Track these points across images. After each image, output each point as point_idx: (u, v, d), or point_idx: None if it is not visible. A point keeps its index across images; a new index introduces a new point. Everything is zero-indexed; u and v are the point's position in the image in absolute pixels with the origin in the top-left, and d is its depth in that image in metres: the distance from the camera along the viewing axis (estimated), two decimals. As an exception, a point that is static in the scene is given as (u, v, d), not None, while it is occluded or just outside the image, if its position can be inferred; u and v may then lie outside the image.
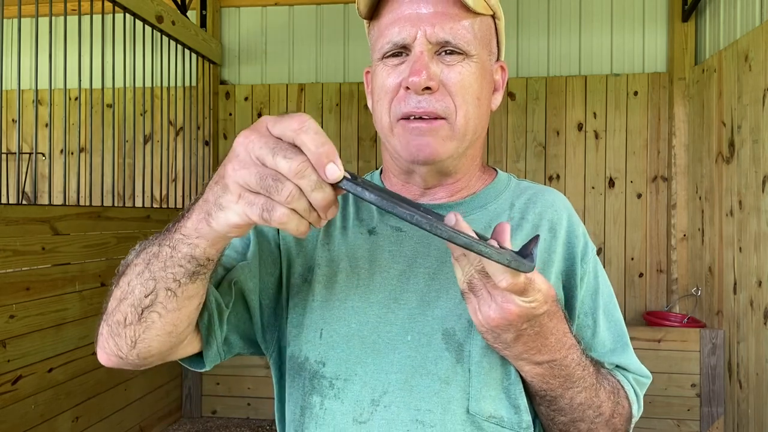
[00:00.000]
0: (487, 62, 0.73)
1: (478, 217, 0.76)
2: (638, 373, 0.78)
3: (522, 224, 0.76)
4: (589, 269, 0.76)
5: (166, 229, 0.59)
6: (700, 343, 2.79)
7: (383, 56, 0.71)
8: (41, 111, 3.81)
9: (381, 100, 0.72)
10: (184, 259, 0.55)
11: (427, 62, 0.67)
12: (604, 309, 0.77)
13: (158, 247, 0.58)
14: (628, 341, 0.78)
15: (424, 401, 0.67)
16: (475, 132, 0.72)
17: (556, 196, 0.81)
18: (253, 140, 0.47)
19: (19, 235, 2.01)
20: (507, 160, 3.52)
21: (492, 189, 0.80)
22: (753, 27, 2.52)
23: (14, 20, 3.62)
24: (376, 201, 0.48)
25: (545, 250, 0.74)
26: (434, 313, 0.70)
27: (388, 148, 0.76)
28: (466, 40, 0.68)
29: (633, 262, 3.42)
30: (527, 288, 0.55)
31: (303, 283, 0.75)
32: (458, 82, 0.68)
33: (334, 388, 0.70)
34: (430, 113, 0.68)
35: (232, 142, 0.50)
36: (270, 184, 0.46)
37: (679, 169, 3.30)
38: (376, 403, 0.68)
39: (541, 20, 3.52)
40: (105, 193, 3.03)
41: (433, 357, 0.68)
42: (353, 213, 0.79)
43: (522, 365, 0.65)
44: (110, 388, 2.56)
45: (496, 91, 0.78)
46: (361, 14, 0.74)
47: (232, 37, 3.83)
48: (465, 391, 0.68)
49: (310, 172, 0.46)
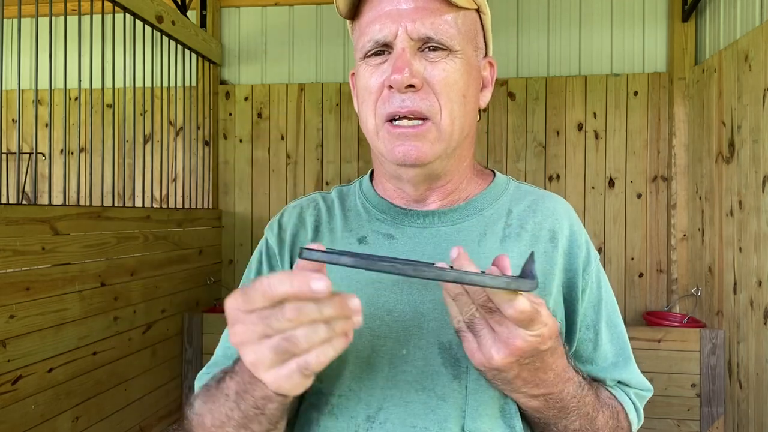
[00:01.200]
0: (473, 58, 0.71)
1: (474, 223, 0.74)
2: (639, 387, 0.76)
3: (521, 233, 0.73)
4: (592, 280, 0.74)
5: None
6: (700, 343, 2.79)
7: (365, 55, 0.69)
8: (41, 111, 3.81)
9: (366, 101, 0.70)
10: (270, 411, 0.57)
11: (409, 59, 0.65)
12: (607, 321, 0.75)
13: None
14: (630, 354, 0.76)
15: (420, 418, 0.66)
16: (462, 131, 0.70)
17: (557, 203, 0.78)
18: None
19: (19, 235, 2.01)
20: (507, 160, 3.52)
21: (488, 193, 0.77)
22: (753, 27, 2.52)
23: (14, 20, 3.62)
24: (354, 263, 0.48)
25: (546, 261, 0.72)
26: (429, 326, 0.68)
27: (375, 153, 0.74)
28: (449, 35, 0.66)
29: (633, 262, 3.42)
30: (534, 319, 0.52)
31: None
32: (442, 80, 0.66)
33: (329, 404, 0.68)
34: (415, 112, 0.66)
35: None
36: (285, 345, 0.46)
37: (679, 169, 3.30)
38: (371, 420, 0.66)
39: (541, 20, 3.52)
40: (105, 193, 3.03)
41: (429, 372, 0.67)
42: (341, 224, 0.78)
43: (518, 397, 0.63)
44: (110, 388, 2.56)
45: (485, 87, 0.76)
46: (341, 13, 0.72)
47: (232, 37, 3.83)
48: (461, 409, 0.66)
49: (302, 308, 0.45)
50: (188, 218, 3.28)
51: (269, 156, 3.74)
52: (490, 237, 0.73)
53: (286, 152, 3.72)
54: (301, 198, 0.85)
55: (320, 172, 3.69)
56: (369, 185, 0.81)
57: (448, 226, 0.73)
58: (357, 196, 0.82)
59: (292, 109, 3.72)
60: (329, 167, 3.69)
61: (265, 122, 3.74)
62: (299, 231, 0.79)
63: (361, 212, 0.79)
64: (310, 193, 0.86)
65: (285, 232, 0.79)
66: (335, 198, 0.82)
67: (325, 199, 0.83)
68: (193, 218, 3.35)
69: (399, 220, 0.76)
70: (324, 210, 0.80)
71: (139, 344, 2.78)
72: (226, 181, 3.77)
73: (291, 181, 3.72)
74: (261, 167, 3.75)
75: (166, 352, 3.05)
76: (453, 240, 0.72)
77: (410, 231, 0.74)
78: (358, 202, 0.80)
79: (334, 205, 0.81)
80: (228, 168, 3.76)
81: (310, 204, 0.82)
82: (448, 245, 0.71)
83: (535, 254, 0.71)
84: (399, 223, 0.75)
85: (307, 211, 0.81)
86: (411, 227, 0.74)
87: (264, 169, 3.74)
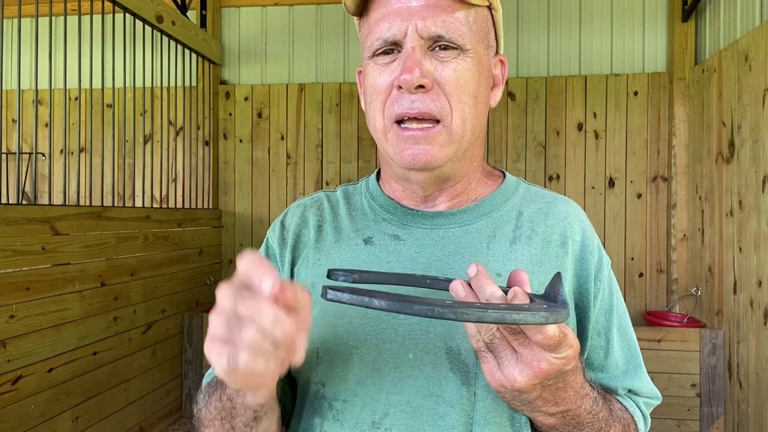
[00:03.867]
0: (485, 56, 0.69)
1: (483, 225, 0.72)
2: (649, 396, 0.75)
3: (532, 236, 0.71)
4: (604, 286, 0.72)
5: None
6: (700, 343, 2.79)
7: (374, 54, 0.67)
8: (41, 111, 3.81)
9: (374, 101, 0.67)
10: (242, 408, 0.59)
11: (419, 59, 0.63)
12: (618, 328, 0.73)
13: (222, 402, 0.62)
14: (641, 361, 0.74)
15: (428, 425, 0.63)
16: (473, 132, 0.68)
17: (569, 207, 0.75)
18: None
19: (19, 235, 2.01)
20: (507, 160, 3.52)
21: (498, 195, 0.75)
22: (753, 27, 2.52)
23: (14, 20, 3.63)
24: (389, 306, 0.44)
25: (557, 266, 0.70)
26: (437, 330, 0.66)
27: (383, 154, 0.72)
28: (460, 33, 0.64)
29: (633, 262, 3.42)
30: (561, 342, 0.51)
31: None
32: (453, 80, 0.64)
33: (333, 410, 0.66)
34: (425, 114, 0.63)
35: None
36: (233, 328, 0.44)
37: (679, 169, 3.30)
38: (376, 426, 0.64)
39: (541, 20, 3.52)
40: (105, 193, 3.04)
41: (437, 378, 0.64)
42: (346, 223, 0.76)
43: (536, 416, 0.61)
44: (110, 388, 2.56)
45: (496, 86, 0.74)
46: (349, 10, 0.69)
47: (232, 37, 3.83)
48: (469, 416, 0.64)
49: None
50: (188, 218, 3.28)
51: (269, 156, 3.74)
52: (500, 239, 0.71)
53: (286, 152, 3.72)
54: (305, 197, 0.83)
55: (320, 172, 3.69)
56: (376, 185, 0.79)
57: (457, 228, 0.72)
58: (363, 195, 0.80)
59: (292, 109, 3.72)
60: (329, 167, 3.69)
61: (265, 122, 3.74)
62: (302, 230, 0.77)
63: (367, 212, 0.77)
64: (315, 192, 0.84)
65: (288, 231, 0.78)
66: (340, 197, 0.81)
67: (330, 198, 0.81)
68: (193, 218, 3.35)
69: (406, 221, 0.74)
70: (328, 209, 0.79)
71: (139, 344, 2.78)
72: (226, 181, 3.77)
73: (291, 181, 3.72)
74: (261, 167, 3.75)
75: (166, 352, 3.05)
76: (461, 242, 0.71)
77: (417, 232, 0.72)
78: (365, 201, 0.79)
79: (339, 205, 0.79)
80: (228, 168, 3.77)
81: (314, 203, 0.81)
82: (456, 247, 0.70)
83: (546, 259, 0.71)
84: (406, 224, 0.73)
85: (310, 210, 0.79)
86: (418, 228, 0.72)
87: (264, 169, 3.74)
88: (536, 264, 0.70)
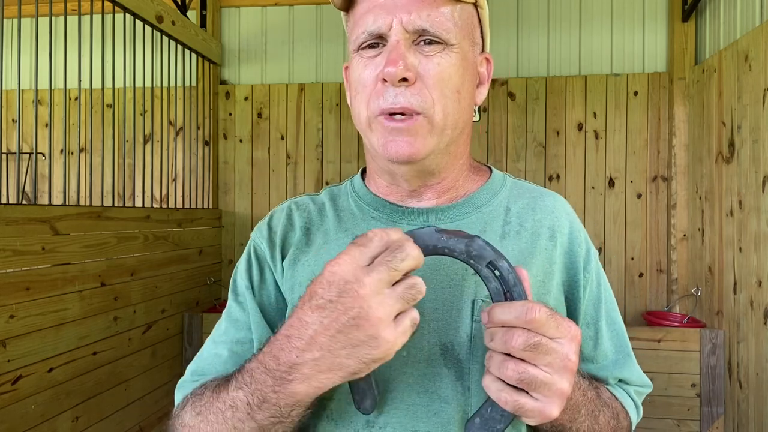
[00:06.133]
0: (470, 53, 0.69)
1: (473, 220, 0.72)
2: (639, 384, 0.76)
3: (520, 231, 0.72)
4: (592, 278, 0.73)
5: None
6: (700, 343, 2.79)
7: (359, 47, 0.68)
8: (41, 111, 3.81)
9: (359, 94, 0.68)
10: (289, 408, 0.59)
11: (403, 52, 0.63)
12: (607, 318, 0.74)
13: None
14: (630, 350, 0.76)
15: (423, 422, 0.64)
16: (455, 127, 0.68)
17: (556, 201, 0.77)
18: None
19: (19, 235, 2.01)
20: (507, 160, 3.52)
21: (486, 190, 0.76)
22: (753, 27, 2.52)
23: (14, 20, 3.63)
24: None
25: (546, 259, 0.71)
26: (430, 326, 0.66)
27: (368, 147, 0.72)
28: (445, 28, 0.64)
29: (633, 262, 3.42)
30: (550, 319, 0.53)
31: (292, 308, 0.72)
32: (436, 74, 0.64)
33: (327, 409, 0.66)
34: (406, 109, 0.63)
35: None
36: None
37: (679, 169, 3.30)
38: (371, 424, 0.64)
39: (541, 20, 3.52)
40: (105, 193, 3.04)
41: (431, 374, 0.65)
42: (334, 225, 0.76)
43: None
44: (110, 388, 2.56)
45: (481, 84, 0.74)
46: (336, 5, 0.70)
47: (232, 37, 3.83)
48: (464, 411, 0.64)
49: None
50: (188, 218, 3.28)
51: (269, 156, 3.74)
52: (490, 234, 0.71)
53: (286, 152, 3.72)
54: (289, 200, 0.83)
55: (320, 172, 3.69)
56: (361, 183, 0.79)
57: (447, 224, 0.72)
58: (349, 195, 0.80)
59: (292, 109, 3.72)
60: (329, 167, 3.69)
61: (265, 122, 3.74)
62: (288, 233, 0.77)
63: (354, 211, 0.77)
64: (298, 196, 0.84)
65: (275, 234, 0.77)
66: (326, 199, 0.80)
67: (315, 200, 0.81)
68: (193, 218, 3.35)
69: (395, 218, 0.74)
70: (315, 211, 0.79)
71: (139, 344, 2.78)
72: (226, 181, 3.77)
73: (291, 181, 3.72)
74: (261, 167, 3.75)
75: (166, 352, 3.05)
76: None
77: (407, 229, 0.72)
78: (351, 201, 0.79)
79: (326, 207, 0.79)
80: (228, 168, 3.77)
81: (299, 206, 0.80)
82: None
83: (535, 253, 0.71)
84: (396, 221, 0.73)
85: (295, 213, 0.79)
86: (408, 225, 0.72)
87: (264, 169, 3.74)
88: (526, 258, 0.70)
